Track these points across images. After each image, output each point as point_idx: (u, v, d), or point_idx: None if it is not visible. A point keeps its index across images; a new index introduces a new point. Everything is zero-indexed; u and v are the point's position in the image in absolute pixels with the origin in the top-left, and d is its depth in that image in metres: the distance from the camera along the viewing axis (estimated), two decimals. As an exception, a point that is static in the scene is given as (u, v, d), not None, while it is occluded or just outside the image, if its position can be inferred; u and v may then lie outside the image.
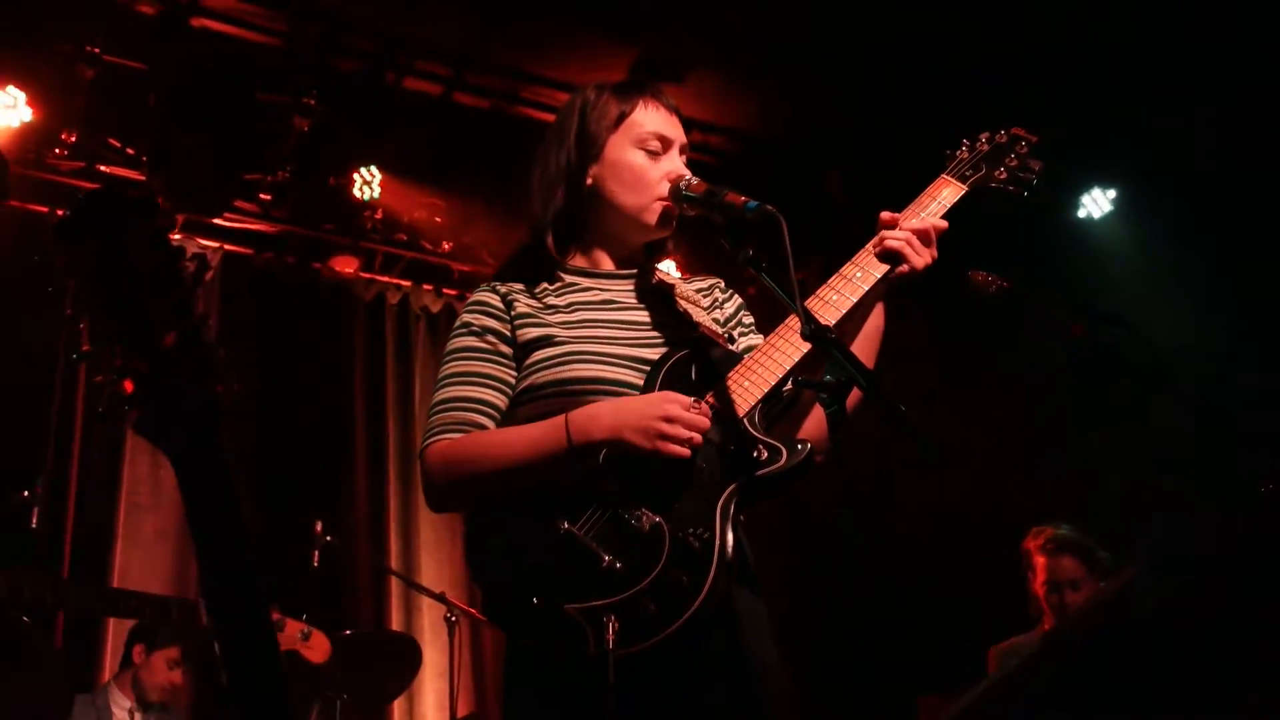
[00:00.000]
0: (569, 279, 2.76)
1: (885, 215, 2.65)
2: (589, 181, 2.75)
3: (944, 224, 2.65)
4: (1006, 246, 4.29)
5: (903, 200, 2.75)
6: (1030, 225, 5.46)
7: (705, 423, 2.41)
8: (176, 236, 6.55)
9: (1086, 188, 6.97)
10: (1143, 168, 6.40)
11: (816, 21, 6.49)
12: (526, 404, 2.58)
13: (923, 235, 2.59)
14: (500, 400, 2.61)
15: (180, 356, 1.61)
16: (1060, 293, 3.02)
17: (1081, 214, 7.04)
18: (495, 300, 2.71)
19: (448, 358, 2.68)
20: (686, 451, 2.37)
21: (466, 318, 2.71)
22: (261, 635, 1.65)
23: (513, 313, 2.67)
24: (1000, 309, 3.09)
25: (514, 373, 2.63)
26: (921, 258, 2.58)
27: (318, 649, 4.80)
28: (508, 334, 2.66)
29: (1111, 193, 6.97)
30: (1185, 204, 5.91)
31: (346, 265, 7.46)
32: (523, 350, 2.63)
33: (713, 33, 6.66)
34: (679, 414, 2.38)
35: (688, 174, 2.70)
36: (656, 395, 2.47)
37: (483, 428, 2.57)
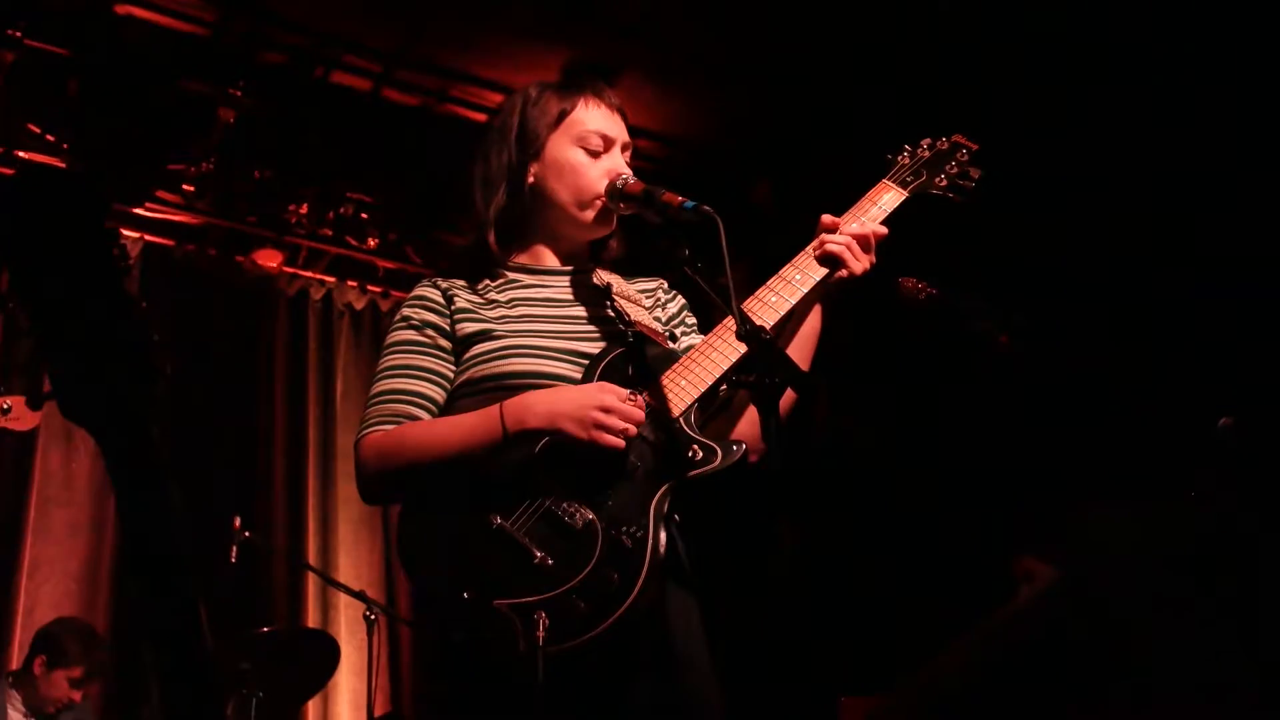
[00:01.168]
0: (511, 275, 2.77)
1: (826, 219, 2.68)
2: (530, 179, 2.76)
3: (884, 230, 2.67)
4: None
5: (832, 205, 2.78)
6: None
7: (640, 415, 2.43)
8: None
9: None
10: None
11: (748, 28, 6.52)
12: (465, 398, 2.59)
13: (863, 241, 2.62)
14: (438, 394, 2.61)
15: (113, 340, 1.59)
16: (989, 301, 3.06)
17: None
18: (435, 295, 2.71)
19: (386, 351, 2.68)
20: (621, 442, 2.39)
21: (406, 311, 2.71)
22: (193, 631, 1.64)
23: (453, 307, 2.68)
24: (927, 316, 3.12)
25: (453, 367, 2.64)
26: (860, 263, 2.60)
27: (24, 418, 4.33)
28: (447, 328, 2.66)
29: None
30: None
31: (270, 259, 7.37)
32: (462, 344, 2.64)
33: (644, 37, 6.67)
34: (615, 405, 2.40)
35: (627, 172, 2.71)
36: (593, 386, 2.48)
37: (419, 420, 2.56)
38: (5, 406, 3.96)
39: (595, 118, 2.77)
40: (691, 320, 2.89)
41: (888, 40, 6.39)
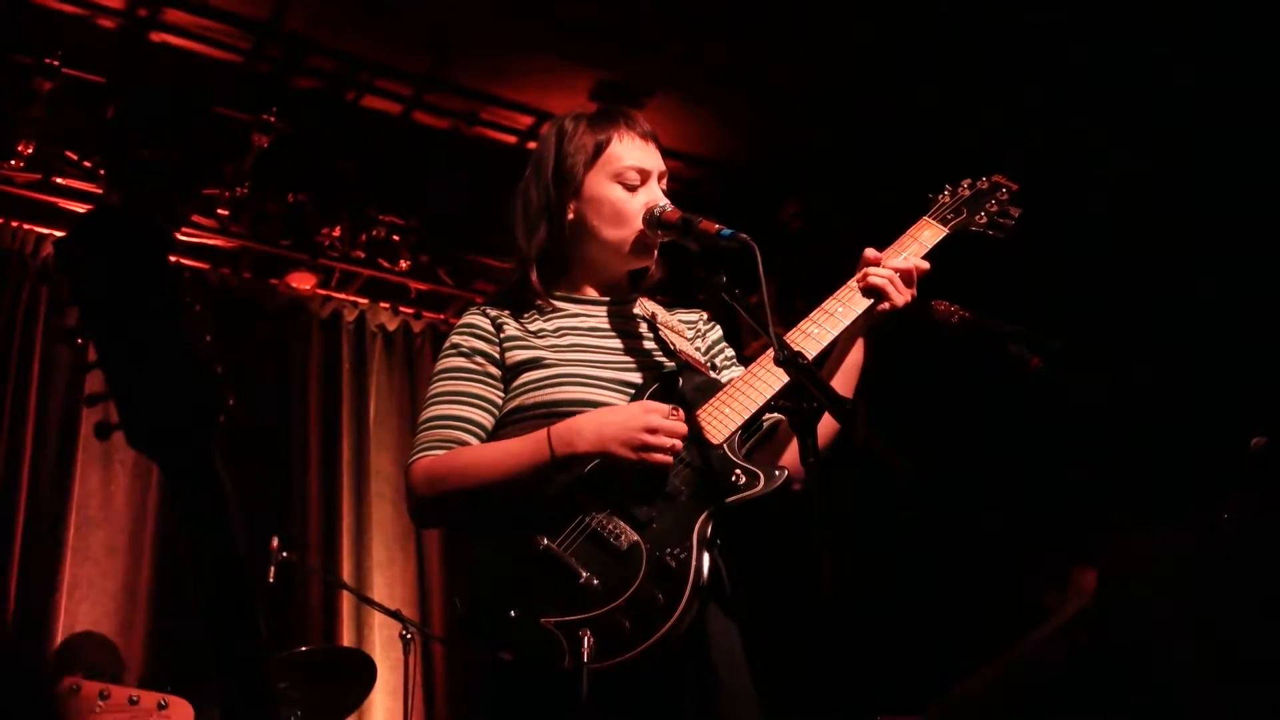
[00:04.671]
0: (556, 305, 2.82)
1: (869, 253, 2.74)
2: (570, 216, 2.81)
3: (926, 265, 2.75)
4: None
5: (860, 225, 2.83)
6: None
7: (684, 428, 2.48)
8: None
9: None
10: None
11: (775, 48, 6.57)
12: (513, 424, 2.64)
13: (905, 275, 2.70)
14: (487, 420, 2.66)
15: (178, 372, 1.64)
16: (1022, 324, 3.09)
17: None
18: (485, 323, 2.76)
19: (436, 377, 2.73)
20: (669, 459, 2.45)
21: (456, 339, 2.76)
22: (253, 646, 1.69)
23: (501, 335, 2.73)
24: (960, 339, 3.15)
25: (501, 394, 2.69)
26: (902, 296, 2.68)
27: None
28: (496, 356, 2.71)
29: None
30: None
31: (303, 282, 7.44)
32: (511, 372, 2.69)
33: (671, 58, 6.73)
34: (660, 423, 2.46)
35: (665, 201, 2.76)
36: (636, 406, 2.54)
37: (468, 445, 2.62)
38: (161, 702, 4.08)
39: (630, 151, 2.81)
40: (730, 352, 2.94)
41: (918, 62, 6.42)
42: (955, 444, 6.17)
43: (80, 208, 6.49)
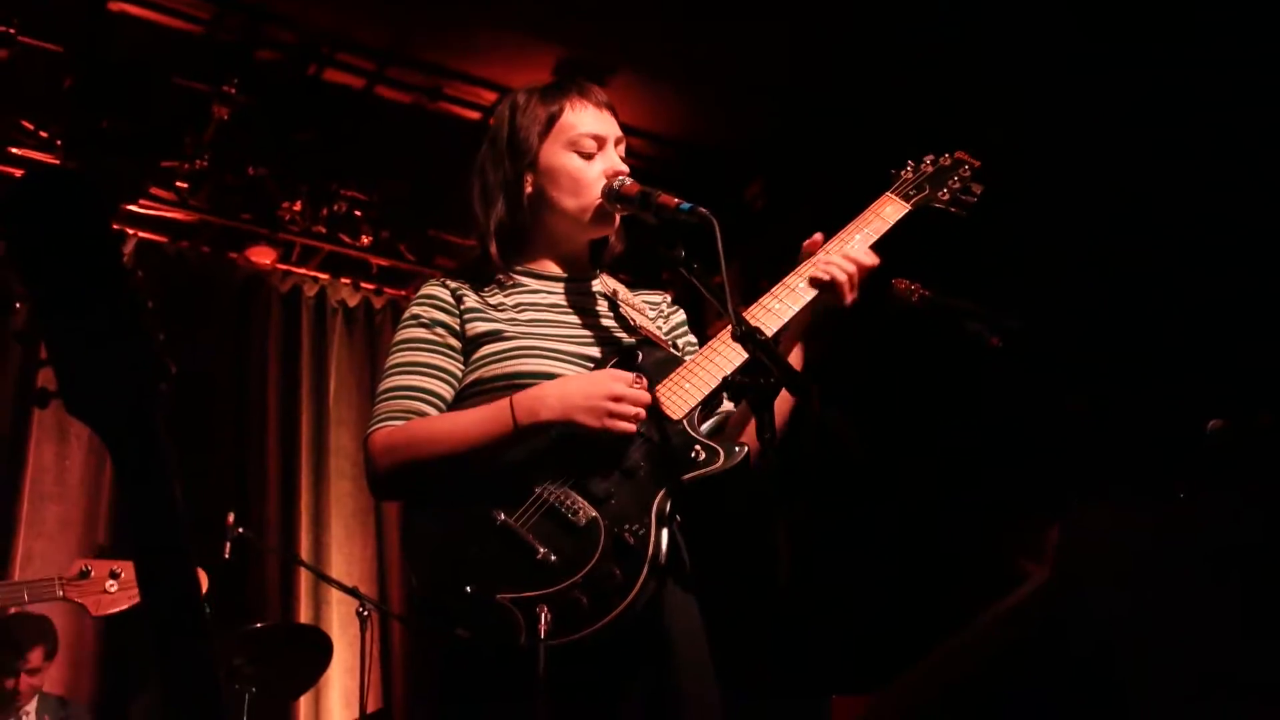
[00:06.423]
0: (517, 280, 2.79)
1: (817, 238, 2.73)
2: (528, 189, 2.77)
3: (876, 260, 2.71)
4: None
5: (824, 204, 2.81)
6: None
7: (648, 398, 2.47)
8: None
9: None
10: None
11: (741, 27, 6.54)
12: (473, 397, 2.61)
13: (863, 272, 2.67)
14: (446, 391, 2.63)
15: (119, 339, 1.60)
16: (981, 303, 3.08)
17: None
18: (445, 294, 2.73)
19: (396, 348, 2.70)
20: (633, 428, 2.43)
21: (415, 310, 2.73)
22: (194, 624, 1.65)
23: (462, 307, 2.70)
24: (920, 317, 3.14)
25: (461, 365, 2.66)
26: (851, 295, 2.65)
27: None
28: (456, 327, 2.68)
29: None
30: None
31: (263, 256, 7.40)
32: (471, 344, 2.66)
33: (637, 35, 6.70)
34: (624, 391, 2.44)
35: (625, 171, 2.74)
36: (601, 374, 2.52)
37: (428, 416, 2.59)
38: (114, 570, 4.01)
39: (585, 119, 2.78)
40: (693, 337, 2.92)
41: (881, 42, 6.40)
42: (913, 422, 6.19)
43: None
